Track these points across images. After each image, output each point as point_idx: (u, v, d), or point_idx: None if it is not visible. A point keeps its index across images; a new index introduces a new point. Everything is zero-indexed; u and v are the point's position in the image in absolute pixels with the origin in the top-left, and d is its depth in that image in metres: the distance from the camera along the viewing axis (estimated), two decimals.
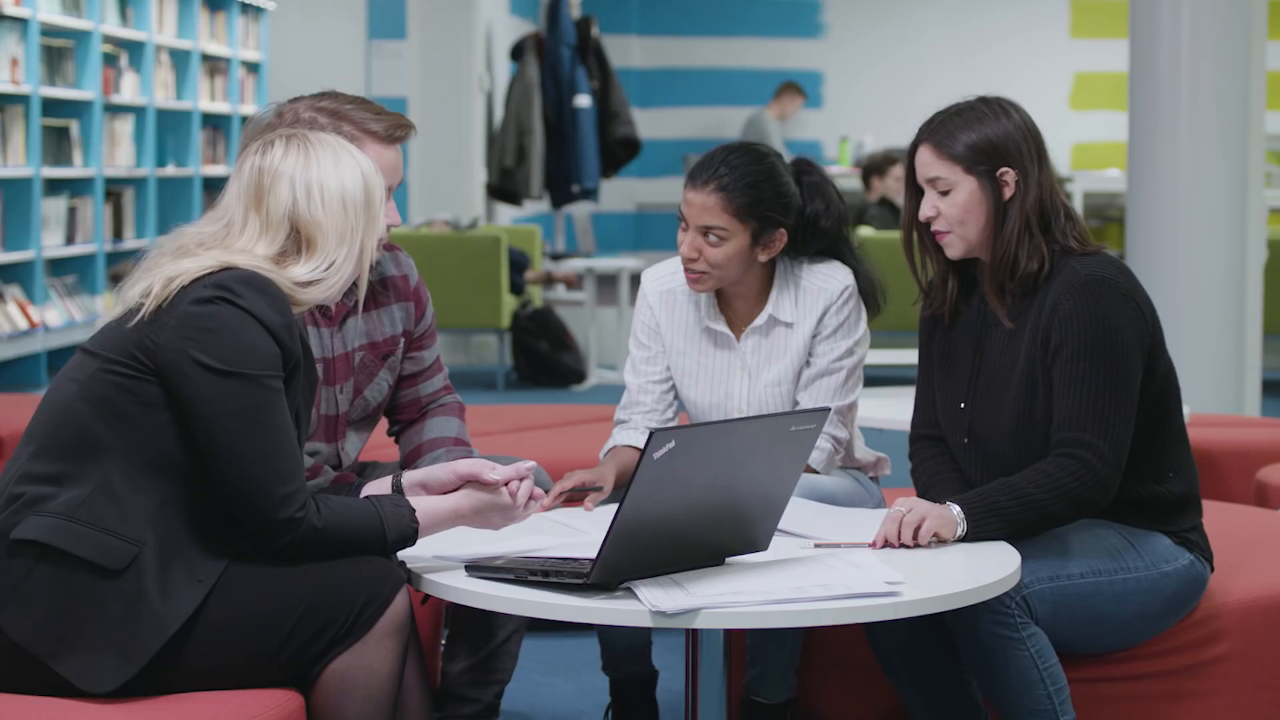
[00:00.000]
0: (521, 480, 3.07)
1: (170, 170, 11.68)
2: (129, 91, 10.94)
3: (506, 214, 12.76)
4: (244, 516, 2.89)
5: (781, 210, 3.75)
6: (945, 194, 3.42)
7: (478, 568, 2.97)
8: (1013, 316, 3.42)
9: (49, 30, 9.80)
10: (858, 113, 14.98)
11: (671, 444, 2.79)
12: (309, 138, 3.04)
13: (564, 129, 12.07)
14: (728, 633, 3.08)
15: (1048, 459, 3.32)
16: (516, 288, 10.71)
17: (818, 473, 3.80)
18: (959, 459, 3.53)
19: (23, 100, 9.39)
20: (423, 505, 3.01)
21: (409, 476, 3.15)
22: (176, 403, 2.87)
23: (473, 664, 3.72)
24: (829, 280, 3.83)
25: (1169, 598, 3.44)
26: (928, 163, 3.43)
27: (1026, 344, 3.40)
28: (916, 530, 3.19)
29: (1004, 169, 3.39)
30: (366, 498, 3.01)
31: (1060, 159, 13.74)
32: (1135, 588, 3.39)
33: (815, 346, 3.83)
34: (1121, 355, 3.33)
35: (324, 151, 3.02)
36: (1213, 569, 3.53)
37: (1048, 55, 15.07)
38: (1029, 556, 3.27)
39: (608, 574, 2.83)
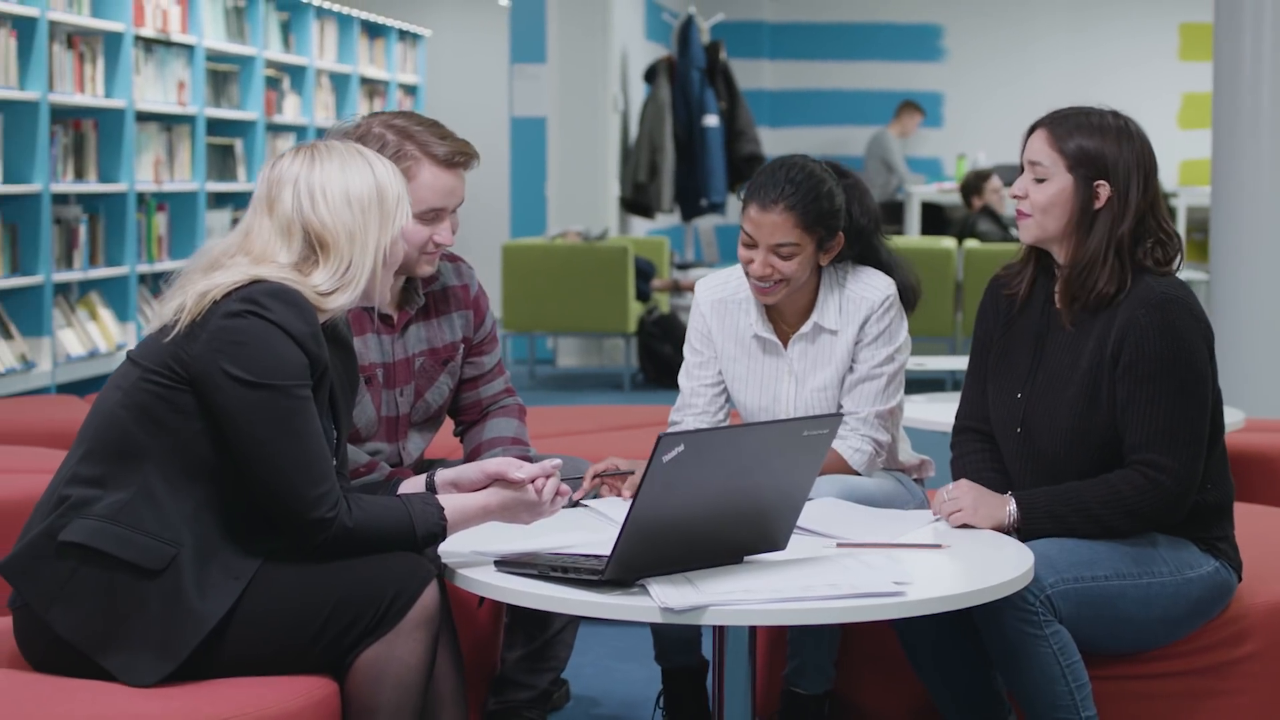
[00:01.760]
0: (548, 478, 2.99)
1: None
2: (290, 112, 11.01)
3: (640, 226, 12.70)
4: (279, 518, 2.83)
5: (838, 216, 3.68)
6: (1040, 181, 3.30)
7: (506, 563, 2.90)
8: (1077, 322, 3.31)
9: (214, 56, 9.88)
10: (975, 132, 14.76)
11: (681, 448, 2.70)
12: (319, 147, 2.97)
13: (693, 147, 12.02)
14: (753, 628, 2.98)
15: (1119, 473, 3.22)
16: (643, 295, 10.65)
17: (859, 474, 3.68)
18: (1006, 449, 3.39)
19: (189, 120, 9.47)
20: (451, 503, 2.95)
21: (442, 475, 3.10)
22: (210, 412, 2.82)
23: (528, 652, 3.70)
24: (871, 289, 3.73)
25: (1193, 603, 3.30)
26: (1037, 147, 3.32)
27: (1092, 350, 3.27)
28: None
29: (1101, 181, 3.27)
30: (397, 496, 2.96)
31: (1168, 175, 13.43)
32: (1159, 592, 3.26)
33: (858, 353, 3.72)
34: (1198, 375, 3.22)
35: (331, 157, 2.95)
36: (1240, 578, 3.38)
37: (1158, 77, 14.75)
38: (1055, 556, 3.16)
39: (622, 571, 2.75)
